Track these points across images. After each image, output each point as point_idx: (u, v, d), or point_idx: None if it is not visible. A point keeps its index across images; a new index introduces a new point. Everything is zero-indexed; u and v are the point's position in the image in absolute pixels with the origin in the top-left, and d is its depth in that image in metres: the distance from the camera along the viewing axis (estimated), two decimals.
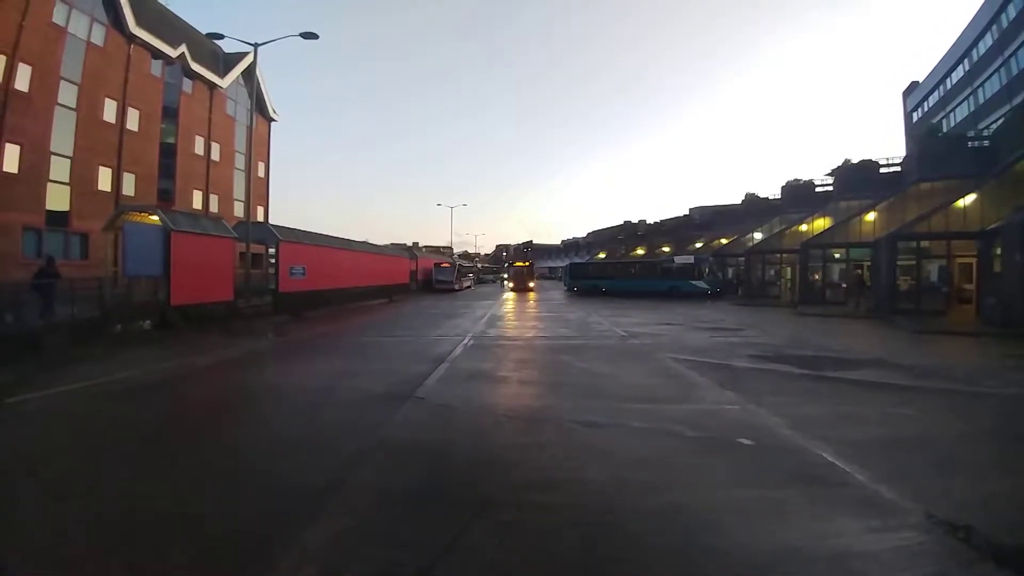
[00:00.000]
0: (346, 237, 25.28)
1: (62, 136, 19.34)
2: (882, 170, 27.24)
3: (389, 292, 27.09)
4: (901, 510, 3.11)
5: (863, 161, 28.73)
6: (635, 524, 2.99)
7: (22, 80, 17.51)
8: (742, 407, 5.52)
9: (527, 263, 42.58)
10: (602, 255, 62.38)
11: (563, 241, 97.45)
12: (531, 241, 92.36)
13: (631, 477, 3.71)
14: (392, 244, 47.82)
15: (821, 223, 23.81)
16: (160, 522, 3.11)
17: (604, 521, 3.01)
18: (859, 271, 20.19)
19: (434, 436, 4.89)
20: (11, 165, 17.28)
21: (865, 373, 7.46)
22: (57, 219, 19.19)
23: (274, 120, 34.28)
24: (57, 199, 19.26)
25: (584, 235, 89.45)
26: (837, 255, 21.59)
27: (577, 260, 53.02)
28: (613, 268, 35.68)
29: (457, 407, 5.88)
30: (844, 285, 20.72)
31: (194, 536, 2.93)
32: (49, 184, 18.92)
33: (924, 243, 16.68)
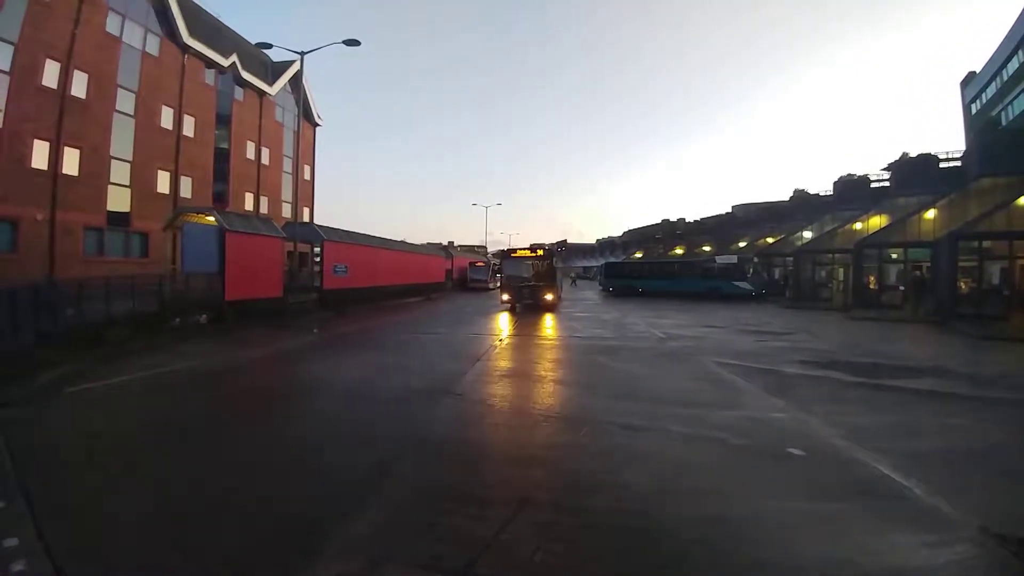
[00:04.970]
0: (385, 236, 25.93)
1: (122, 141, 20.69)
2: (942, 164, 25.48)
3: (426, 290, 27.58)
4: (957, 524, 2.99)
5: (922, 155, 26.94)
6: (677, 532, 2.91)
7: (79, 87, 18.74)
8: (792, 415, 5.28)
9: (539, 251, 20.56)
10: (639, 254, 61.18)
11: (598, 240, 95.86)
12: (565, 240, 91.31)
13: (672, 483, 3.62)
14: (428, 243, 48.64)
15: (877, 221, 22.46)
16: (212, 506, 3.28)
17: (644, 527, 2.95)
18: (919, 272, 18.94)
19: (472, 433, 4.94)
20: (71, 168, 18.56)
21: (923, 382, 7.02)
22: (118, 219, 20.55)
23: (319, 125, 35.52)
24: (118, 200, 20.63)
25: (620, 234, 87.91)
26: (894, 255, 20.30)
27: (612, 259, 52.11)
28: (650, 268, 34.92)
29: (494, 405, 5.92)
30: (902, 288, 19.49)
31: (245, 521, 3.08)
32: (110, 187, 20.27)
33: (986, 243, 15.50)
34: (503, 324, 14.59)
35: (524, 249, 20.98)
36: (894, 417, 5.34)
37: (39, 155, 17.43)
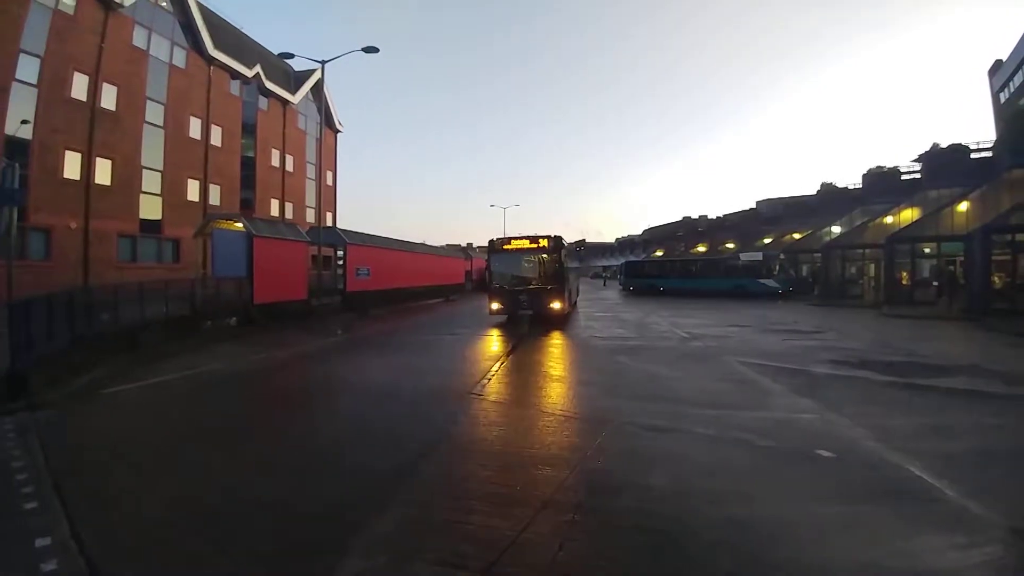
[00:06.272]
0: (405, 239, 26.25)
1: (152, 151, 21.48)
2: (973, 155, 24.54)
3: (445, 291, 27.81)
4: (988, 525, 2.94)
5: (953, 145, 25.98)
6: (702, 534, 2.89)
7: (108, 99, 19.42)
8: (821, 416, 5.16)
9: (541, 241, 14.74)
10: (659, 253, 60.39)
11: (617, 239, 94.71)
12: (584, 240, 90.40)
13: (697, 485, 3.58)
14: (448, 245, 49.05)
15: (908, 215, 21.71)
16: (241, 504, 3.39)
17: (668, 529, 2.94)
18: (952, 268, 18.25)
19: (494, 433, 4.99)
20: (103, 178, 19.30)
21: (957, 380, 6.81)
22: (151, 227, 21.37)
23: (340, 131, 36.25)
24: (151, 209, 21.45)
25: (640, 233, 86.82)
26: (927, 250, 19.59)
27: (633, 258, 51.53)
28: (672, 266, 34.41)
29: (516, 405, 5.96)
30: (936, 283, 18.80)
31: (273, 518, 3.17)
32: (143, 195, 21.04)
33: (1020, 236, 14.89)
34: (523, 325, 14.59)
35: (521, 239, 15.01)
36: (926, 417, 5.19)
37: (71, 166, 18.12)
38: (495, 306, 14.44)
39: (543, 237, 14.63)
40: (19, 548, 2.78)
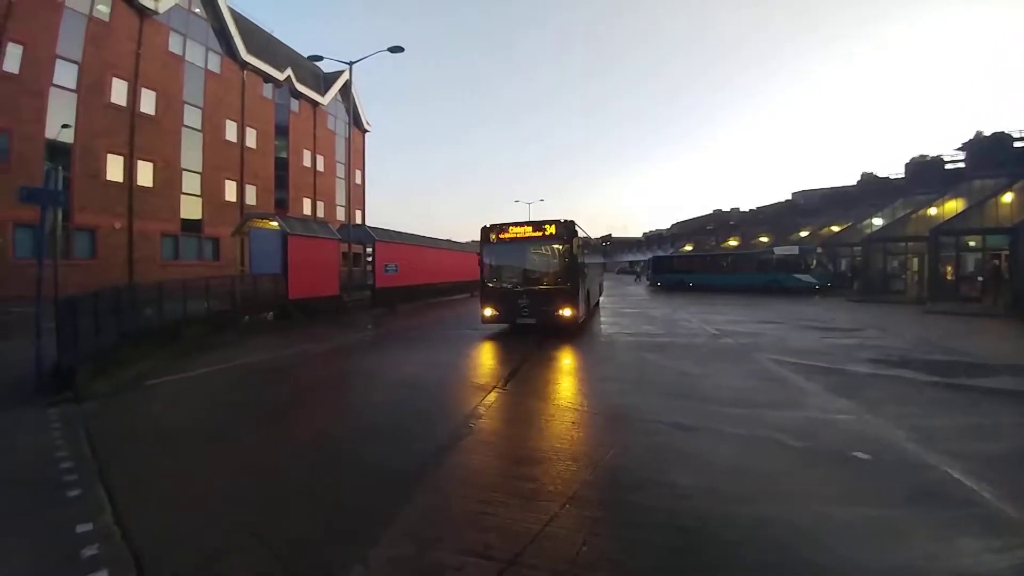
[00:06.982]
0: (432, 235, 26.58)
1: (191, 154, 22.39)
2: (1016, 143, 23.11)
3: (471, 287, 28.01)
4: (1023, 528, 2.89)
5: (996, 134, 24.56)
6: (728, 533, 2.87)
7: (147, 104, 20.25)
8: (858, 417, 5.00)
9: (547, 228, 11.21)
10: (688, 247, 59.11)
11: (645, 234, 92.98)
12: (610, 235, 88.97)
13: (724, 485, 3.54)
14: (473, 241, 49.33)
15: (953, 206, 20.59)
16: (276, 491, 3.55)
17: (694, 527, 2.93)
18: (996, 262, 17.23)
19: (519, 428, 5.04)
20: (145, 179, 20.19)
21: (1001, 380, 6.49)
22: (191, 226, 22.34)
23: (368, 131, 36.92)
24: (191, 209, 22.41)
25: (668, 227, 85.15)
26: (972, 243, 18.53)
27: (660, 253, 50.56)
28: (701, 261, 33.62)
29: (540, 400, 5.99)
30: (980, 279, 17.79)
31: (304, 507, 3.31)
32: (183, 196, 21.97)
33: None
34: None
35: (522, 225, 11.71)
36: (969, 419, 4.97)
37: (113, 168, 19.00)
38: (488, 312, 11.50)
39: (550, 223, 11.37)
40: (62, 534, 2.92)
